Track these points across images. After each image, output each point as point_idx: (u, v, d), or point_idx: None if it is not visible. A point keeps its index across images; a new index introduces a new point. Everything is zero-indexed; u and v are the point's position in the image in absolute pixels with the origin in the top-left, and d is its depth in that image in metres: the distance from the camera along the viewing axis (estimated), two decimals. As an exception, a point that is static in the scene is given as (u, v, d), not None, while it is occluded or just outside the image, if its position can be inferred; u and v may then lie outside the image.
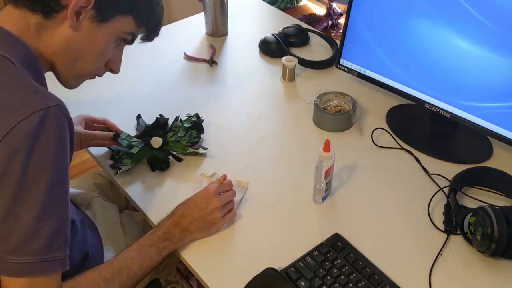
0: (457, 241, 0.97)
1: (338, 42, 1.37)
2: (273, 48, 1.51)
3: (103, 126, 1.19)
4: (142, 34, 0.90)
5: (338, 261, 0.91)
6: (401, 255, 0.95)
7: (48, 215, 0.74)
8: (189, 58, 1.53)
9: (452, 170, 1.09)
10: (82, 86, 0.93)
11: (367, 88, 1.36)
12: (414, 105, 1.22)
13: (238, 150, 1.20)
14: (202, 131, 1.21)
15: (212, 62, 1.50)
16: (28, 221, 0.73)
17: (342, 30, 1.28)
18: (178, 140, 1.16)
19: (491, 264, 0.93)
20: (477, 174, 1.08)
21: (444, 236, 0.98)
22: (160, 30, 0.92)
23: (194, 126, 1.19)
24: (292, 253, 0.94)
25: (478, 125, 1.10)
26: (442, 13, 1.07)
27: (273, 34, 1.53)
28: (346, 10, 1.25)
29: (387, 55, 1.21)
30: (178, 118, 1.23)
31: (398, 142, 1.21)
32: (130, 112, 1.28)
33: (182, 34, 1.65)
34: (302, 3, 1.96)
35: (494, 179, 1.07)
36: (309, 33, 1.59)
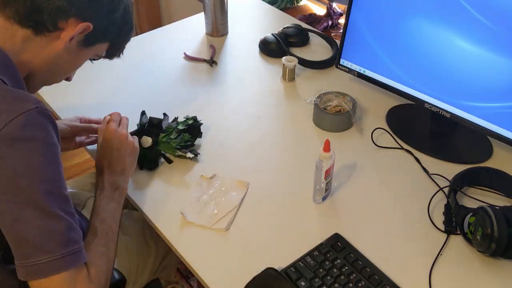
0: (457, 241, 0.97)
1: (338, 42, 1.37)
2: (273, 48, 1.51)
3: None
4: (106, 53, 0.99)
5: (338, 261, 0.91)
6: (401, 255, 0.95)
7: (52, 212, 0.75)
8: (189, 58, 1.53)
9: (452, 170, 1.09)
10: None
11: (367, 88, 1.36)
12: (414, 105, 1.22)
13: (238, 150, 1.20)
14: (199, 135, 1.19)
15: (212, 62, 1.50)
16: (35, 222, 0.74)
17: (342, 30, 1.28)
18: (169, 141, 1.15)
19: (491, 264, 0.93)
20: (477, 174, 1.08)
21: (444, 236, 0.98)
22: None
23: (189, 129, 1.17)
24: (292, 253, 0.94)
25: (478, 125, 1.10)
26: (442, 13, 1.07)
27: (273, 34, 1.53)
28: (346, 10, 1.25)
29: (387, 55, 1.21)
30: (176, 119, 1.22)
31: (398, 142, 1.21)
32: (130, 112, 1.28)
33: (182, 34, 1.65)
34: (302, 3, 1.96)
35: (494, 179, 1.07)
36: (309, 33, 1.59)
